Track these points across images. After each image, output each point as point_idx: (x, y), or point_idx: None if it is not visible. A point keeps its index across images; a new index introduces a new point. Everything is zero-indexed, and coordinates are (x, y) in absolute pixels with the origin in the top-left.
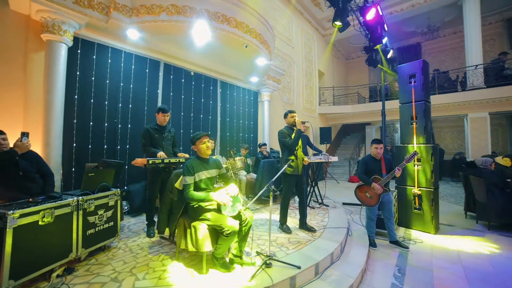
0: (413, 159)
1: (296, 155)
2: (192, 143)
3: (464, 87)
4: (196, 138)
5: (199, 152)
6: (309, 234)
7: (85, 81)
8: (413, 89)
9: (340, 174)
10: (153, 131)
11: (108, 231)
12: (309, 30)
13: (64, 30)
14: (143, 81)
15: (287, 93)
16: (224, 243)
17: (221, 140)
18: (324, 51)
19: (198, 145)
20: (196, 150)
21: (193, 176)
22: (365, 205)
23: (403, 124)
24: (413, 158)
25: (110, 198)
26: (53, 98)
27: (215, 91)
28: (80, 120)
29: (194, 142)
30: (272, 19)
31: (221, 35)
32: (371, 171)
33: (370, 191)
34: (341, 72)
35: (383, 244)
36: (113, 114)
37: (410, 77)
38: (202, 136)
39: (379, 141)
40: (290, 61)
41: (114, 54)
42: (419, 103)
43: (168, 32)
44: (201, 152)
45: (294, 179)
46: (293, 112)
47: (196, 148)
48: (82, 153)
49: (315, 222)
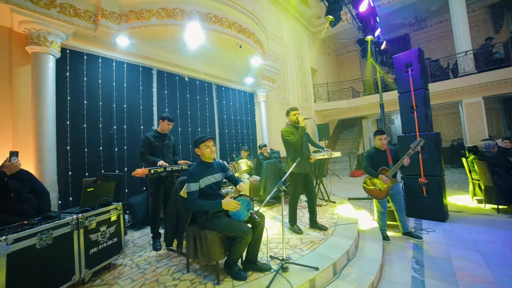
0: (419, 146)
1: (302, 153)
2: (196, 146)
3: (456, 74)
4: (200, 141)
5: (202, 156)
6: (321, 232)
7: (76, 93)
8: (410, 78)
9: (341, 169)
10: (154, 139)
11: (112, 248)
12: (298, 28)
13: (51, 41)
14: (137, 89)
15: (283, 92)
16: (237, 250)
17: (220, 144)
18: (315, 48)
19: (202, 148)
20: (199, 154)
21: (198, 182)
22: (375, 198)
23: (403, 114)
24: (419, 145)
25: (112, 213)
26: (43, 113)
27: (211, 95)
28: (74, 134)
29: (198, 145)
30: (262, 19)
31: (214, 37)
32: (377, 163)
33: (378, 183)
34: (333, 68)
35: (396, 237)
36: (108, 125)
37: (406, 66)
38: (207, 140)
39: (382, 132)
40: (282, 60)
41: (104, 63)
42: (418, 91)
43: (160, 37)
44: (205, 156)
45: (302, 178)
46: (295, 109)
47: (200, 152)
48: (78, 168)
49: (325, 220)
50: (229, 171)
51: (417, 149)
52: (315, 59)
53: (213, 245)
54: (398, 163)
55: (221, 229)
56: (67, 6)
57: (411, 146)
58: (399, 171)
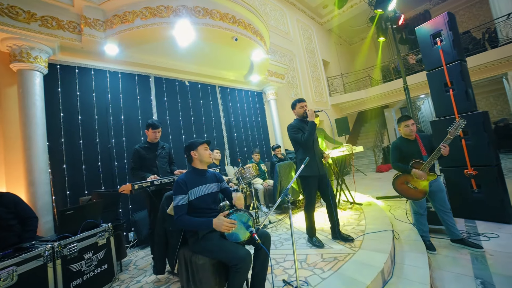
0: (460, 128)
1: (314, 151)
2: (192, 148)
3: (496, 43)
4: (199, 142)
5: (201, 160)
6: (346, 245)
7: (69, 108)
8: (440, 50)
9: (366, 165)
10: (144, 151)
11: (102, 276)
12: (305, 20)
13: (35, 56)
14: (134, 100)
15: (294, 88)
16: (235, 281)
17: (229, 149)
18: (325, 39)
19: (201, 150)
20: (195, 158)
21: (186, 194)
22: (410, 199)
23: (435, 94)
24: (460, 127)
25: (99, 236)
26: (32, 132)
27: (215, 98)
28: (70, 151)
29: (196, 147)
30: (264, 14)
31: (207, 32)
32: (408, 155)
33: (412, 180)
34: (346, 58)
35: (443, 245)
36: (106, 139)
37: (434, 37)
38: (204, 142)
39: (408, 117)
40: (290, 55)
41: (98, 75)
42: (452, 64)
43: (149, 39)
44: (204, 160)
45: (315, 181)
46: (302, 101)
47: (198, 154)
48: (76, 186)
49: (351, 228)
50: (224, 182)
51: (457, 133)
52: (326, 50)
53: (205, 274)
54: (434, 153)
55: (212, 253)
56: (49, 19)
57: (450, 130)
58: (436, 163)
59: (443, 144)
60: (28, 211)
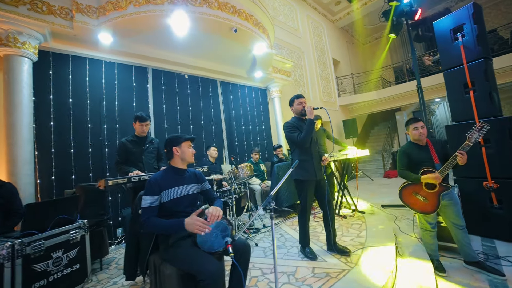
0: (482, 134)
1: (311, 153)
2: (174, 144)
3: None
4: (184, 138)
5: (183, 158)
6: (342, 258)
7: (61, 98)
8: (461, 46)
9: (374, 170)
10: (131, 144)
11: (72, 276)
12: (315, 17)
13: (23, 42)
14: (130, 92)
15: (301, 87)
16: None
17: (228, 147)
18: (337, 37)
19: (184, 147)
20: (177, 155)
21: (158, 196)
22: (419, 212)
23: (453, 96)
24: (483, 133)
25: (72, 234)
26: (16, 120)
27: (216, 93)
28: (59, 142)
29: (179, 143)
30: (272, 9)
31: (203, 21)
32: (417, 163)
33: (422, 191)
34: (359, 58)
35: (454, 267)
36: (98, 131)
37: (454, 32)
38: (190, 139)
39: (416, 119)
40: (299, 52)
41: (93, 65)
42: (475, 63)
43: (142, 28)
44: (186, 159)
45: (312, 186)
46: (301, 97)
47: (180, 152)
48: (64, 180)
49: (349, 239)
50: (206, 183)
51: (477, 139)
52: (337, 49)
53: (169, 284)
54: (449, 162)
55: (180, 263)
56: (39, 3)
57: (468, 136)
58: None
59: (459, 151)
60: (19, 205)
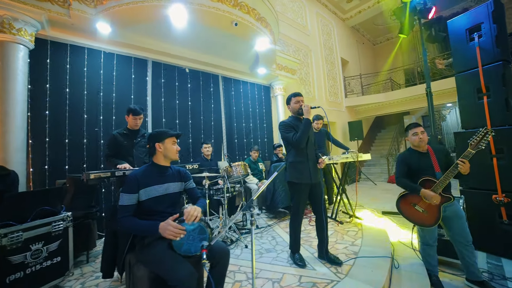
0: (485, 140)
1: (307, 155)
2: (157, 140)
3: None
4: (168, 134)
5: (165, 154)
6: (332, 268)
7: (57, 87)
8: (477, 47)
9: (377, 174)
10: (122, 137)
11: (53, 269)
12: (325, 14)
13: (18, 28)
14: (128, 84)
15: (306, 86)
16: None
17: (227, 144)
18: (347, 36)
19: (167, 144)
20: (159, 151)
21: (136, 194)
22: (418, 225)
23: (464, 102)
24: (486, 139)
25: (54, 226)
26: (9, 107)
27: (217, 88)
28: (54, 131)
29: (162, 139)
30: (281, 5)
31: (202, 13)
32: (417, 171)
33: (421, 201)
34: (368, 58)
35: (454, 284)
36: (94, 122)
37: (470, 32)
38: (176, 135)
39: (416, 124)
40: (306, 50)
41: (91, 55)
42: (492, 66)
43: (140, 19)
44: (169, 156)
45: (306, 189)
46: (298, 95)
47: (163, 148)
48: (57, 170)
49: (343, 247)
50: (190, 182)
51: (481, 147)
52: (346, 48)
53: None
54: (450, 170)
55: (152, 264)
56: None
57: (471, 143)
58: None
59: (461, 159)
60: None
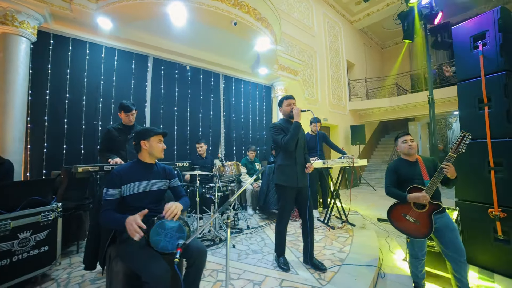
0: (464, 143)
1: (295, 159)
2: (143, 137)
3: None
4: (154, 132)
5: (150, 152)
6: (315, 274)
7: (58, 80)
8: (481, 56)
9: (378, 179)
10: (116, 132)
11: (40, 258)
12: (333, 16)
13: (21, 21)
14: (128, 79)
15: (309, 87)
16: None
17: (225, 143)
18: (354, 39)
19: (153, 142)
20: (145, 149)
21: (118, 189)
22: (409, 236)
23: (464, 111)
24: (465, 142)
25: (43, 216)
26: (8, 98)
27: (217, 86)
28: (53, 124)
29: (148, 137)
30: (286, 5)
31: (201, 12)
32: (406, 180)
33: (411, 211)
34: (375, 62)
35: None
36: (92, 115)
37: (474, 39)
38: (162, 134)
39: (406, 133)
40: (311, 51)
41: (93, 49)
42: (494, 76)
43: (141, 15)
44: (154, 154)
45: (292, 193)
46: (290, 98)
47: (148, 146)
48: (54, 160)
49: (330, 253)
50: (175, 180)
51: (461, 150)
52: (353, 51)
53: (116, 283)
54: (435, 175)
55: (127, 260)
56: None
57: (451, 147)
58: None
59: (445, 163)
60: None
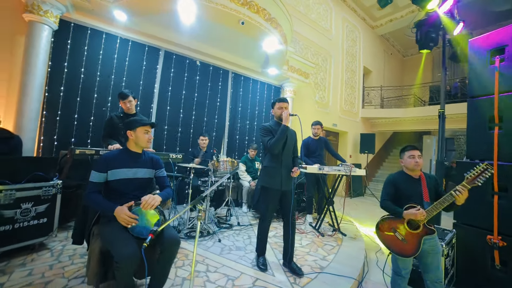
0: (482, 177)
1: (281, 162)
2: (130, 127)
3: None
4: (141, 123)
5: (136, 142)
6: (291, 278)
7: (74, 67)
8: (496, 72)
9: None
10: (118, 119)
11: (38, 228)
12: (353, 20)
13: (45, 10)
14: (139, 70)
15: (321, 91)
16: (117, 278)
17: (228, 139)
18: (373, 45)
19: (139, 132)
20: (131, 138)
21: (104, 173)
22: (394, 253)
23: (472, 130)
24: (484, 176)
25: (44, 190)
26: (29, 80)
27: (226, 83)
28: (66, 106)
29: (134, 127)
30: (304, 6)
31: (209, 10)
32: (404, 196)
33: (402, 228)
34: (395, 70)
35: None
36: (103, 101)
37: (492, 54)
38: (149, 125)
39: (414, 147)
40: (326, 54)
41: (108, 40)
42: (509, 95)
43: (154, 10)
44: (140, 143)
45: (275, 196)
46: (283, 101)
47: (134, 136)
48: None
49: (312, 259)
50: (161, 170)
51: (478, 183)
52: (371, 57)
53: (92, 259)
54: (441, 200)
55: (103, 239)
56: None
57: (468, 177)
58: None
59: (460, 186)
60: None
